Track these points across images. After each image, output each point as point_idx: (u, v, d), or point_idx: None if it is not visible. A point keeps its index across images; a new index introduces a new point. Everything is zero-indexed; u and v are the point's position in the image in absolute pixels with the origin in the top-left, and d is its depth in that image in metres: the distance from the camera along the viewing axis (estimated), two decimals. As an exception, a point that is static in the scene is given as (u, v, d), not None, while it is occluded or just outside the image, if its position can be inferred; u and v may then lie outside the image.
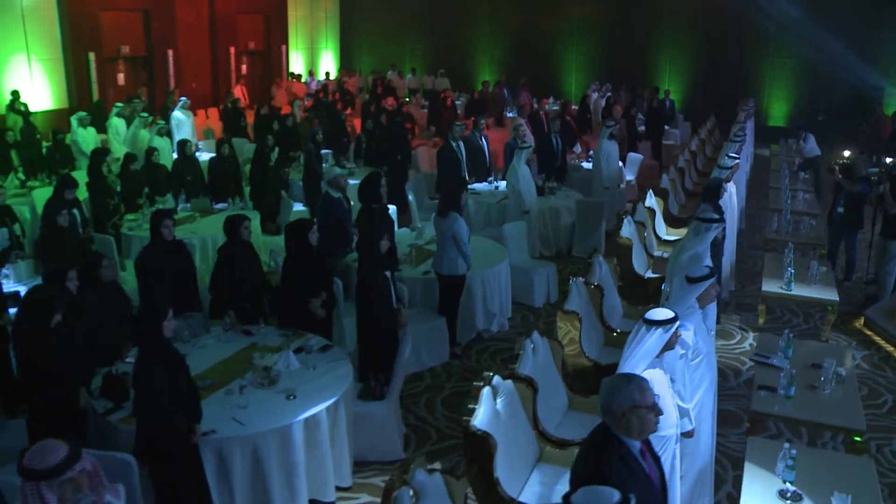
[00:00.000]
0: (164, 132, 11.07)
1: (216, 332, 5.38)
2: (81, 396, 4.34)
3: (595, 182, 10.63)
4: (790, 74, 18.88)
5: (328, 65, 23.85)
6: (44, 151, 10.79)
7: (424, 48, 23.50)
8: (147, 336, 3.87)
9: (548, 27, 21.38)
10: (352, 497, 4.83)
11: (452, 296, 6.58)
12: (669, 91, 17.74)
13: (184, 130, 12.57)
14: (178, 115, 12.69)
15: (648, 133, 15.10)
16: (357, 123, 14.86)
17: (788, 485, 3.91)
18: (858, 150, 13.39)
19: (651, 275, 7.78)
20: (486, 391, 3.98)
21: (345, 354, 5.16)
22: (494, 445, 3.78)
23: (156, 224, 5.44)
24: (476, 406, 3.86)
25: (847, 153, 10.53)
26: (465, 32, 22.52)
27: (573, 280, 5.81)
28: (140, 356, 3.90)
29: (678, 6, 19.59)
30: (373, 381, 5.12)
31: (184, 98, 13.08)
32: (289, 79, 20.93)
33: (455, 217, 6.35)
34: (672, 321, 3.70)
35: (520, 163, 8.91)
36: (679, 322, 3.80)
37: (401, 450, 5.23)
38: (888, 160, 10.56)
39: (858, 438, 4.69)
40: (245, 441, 4.19)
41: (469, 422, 3.81)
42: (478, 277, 6.85)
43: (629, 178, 12.59)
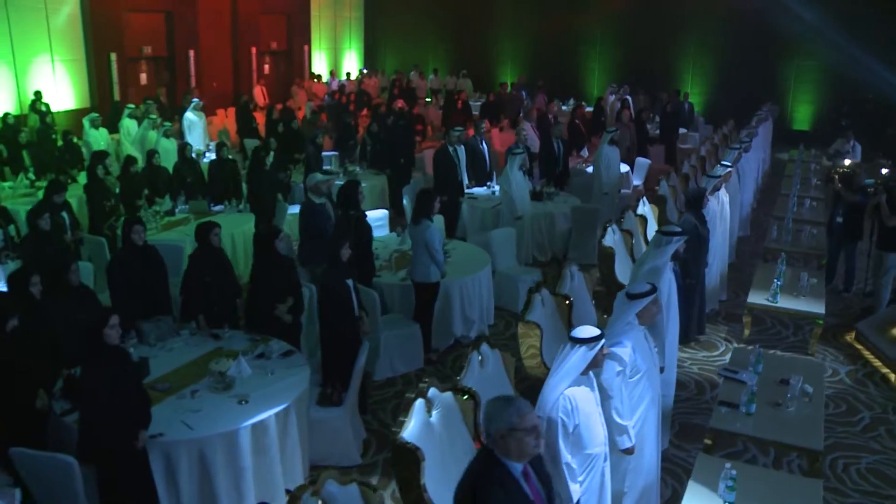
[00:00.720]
0: (171, 134, 11.25)
1: (184, 336, 5.52)
2: (39, 398, 4.48)
3: (595, 187, 10.56)
4: (816, 77, 18.50)
5: (352, 65, 24.01)
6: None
7: (448, 49, 23.53)
8: (90, 343, 3.99)
9: (571, 27, 21.21)
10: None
11: (427, 303, 6.62)
12: (688, 94, 17.50)
13: (195, 131, 12.77)
14: (190, 116, 12.85)
15: (662, 137, 14.91)
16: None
17: (729, 506, 3.88)
18: (883, 157, 13.06)
19: (635, 284, 7.68)
20: (419, 403, 4.00)
21: (304, 360, 5.23)
22: (422, 458, 3.80)
23: (127, 231, 5.60)
24: (406, 419, 3.89)
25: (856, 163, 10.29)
26: (489, 33, 22.48)
27: (538, 292, 5.77)
28: (85, 362, 4.03)
29: (702, 6, 19.29)
30: (329, 388, 5.19)
31: (196, 99, 13.26)
32: (310, 79, 21.13)
33: (427, 224, 6.37)
34: (597, 339, 3.67)
35: (512, 169, 8.90)
36: (606, 340, 3.79)
37: (357, 455, 5.30)
38: (884, 171, 10.28)
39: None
40: (192, 445, 4.29)
41: (398, 433, 3.85)
42: (456, 284, 6.88)
43: (636, 184, 12.46)
